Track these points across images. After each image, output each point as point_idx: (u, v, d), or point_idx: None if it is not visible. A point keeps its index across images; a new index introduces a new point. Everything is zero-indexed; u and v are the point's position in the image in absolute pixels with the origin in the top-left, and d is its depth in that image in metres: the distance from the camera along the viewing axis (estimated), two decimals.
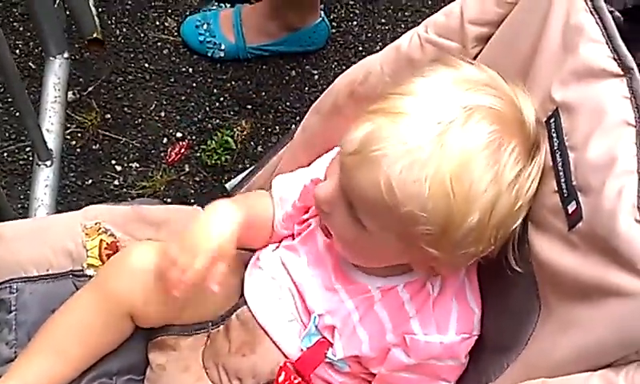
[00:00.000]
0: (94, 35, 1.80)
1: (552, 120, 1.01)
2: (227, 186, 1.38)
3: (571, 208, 0.97)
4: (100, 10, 2.10)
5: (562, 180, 0.98)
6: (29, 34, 2.14)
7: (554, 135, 1.01)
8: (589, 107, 0.98)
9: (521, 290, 1.04)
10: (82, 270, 1.27)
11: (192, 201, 1.93)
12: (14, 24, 2.15)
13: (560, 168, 0.99)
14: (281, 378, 1.15)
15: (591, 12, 1.01)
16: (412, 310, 1.12)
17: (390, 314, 1.13)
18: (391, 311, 1.13)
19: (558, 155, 1.00)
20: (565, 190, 0.98)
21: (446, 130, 0.98)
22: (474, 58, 1.13)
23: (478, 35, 1.13)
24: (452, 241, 1.01)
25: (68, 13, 1.91)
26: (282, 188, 1.24)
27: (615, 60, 0.98)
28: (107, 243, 1.29)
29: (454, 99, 1.01)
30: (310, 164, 1.26)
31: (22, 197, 1.94)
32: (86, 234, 1.29)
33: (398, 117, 1.00)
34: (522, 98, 1.04)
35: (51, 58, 1.75)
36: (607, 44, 0.99)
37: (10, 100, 2.06)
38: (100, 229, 1.29)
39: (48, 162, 1.69)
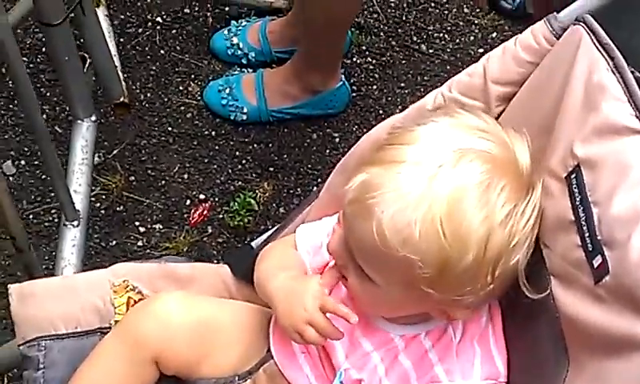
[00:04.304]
0: (121, 99, 1.84)
1: (573, 175, 1.02)
2: (253, 244, 1.39)
3: (597, 262, 0.97)
4: (125, 74, 2.15)
5: (586, 234, 0.99)
6: (55, 99, 2.18)
7: (576, 190, 1.02)
8: (612, 163, 0.99)
9: (548, 345, 1.04)
10: (110, 328, 1.28)
11: (215, 262, 1.94)
12: (42, 90, 2.19)
13: (583, 222, 0.99)
14: None
15: (613, 71, 1.03)
16: (435, 357, 1.12)
17: (415, 363, 1.13)
18: (415, 360, 1.13)
19: (580, 210, 1.00)
20: (589, 245, 0.98)
21: (436, 172, 1.00)
22: (498, 116, 1.14)
23: (500, 94, 1.15)
24: (450, 281, 1.01)
25: (95, 78, 1.95)
26: (307, 236, 1.24)
27: (637, 117, 0.99)
28: (135, 300, 1.30)
29: (446, 144, 1.02)
30: None
31: (46, 258, 1.96)
32: (114, 292, 1.30)
33: (392, 165, 1.02)
34: (515, 140, 1.06)
35: (79, 121, 1.78)
36: (629, 102, 1.00)
37: (35, 163, 2.09)
38: (128, 286, 1.31)
39: (75, 223, 1.71)
